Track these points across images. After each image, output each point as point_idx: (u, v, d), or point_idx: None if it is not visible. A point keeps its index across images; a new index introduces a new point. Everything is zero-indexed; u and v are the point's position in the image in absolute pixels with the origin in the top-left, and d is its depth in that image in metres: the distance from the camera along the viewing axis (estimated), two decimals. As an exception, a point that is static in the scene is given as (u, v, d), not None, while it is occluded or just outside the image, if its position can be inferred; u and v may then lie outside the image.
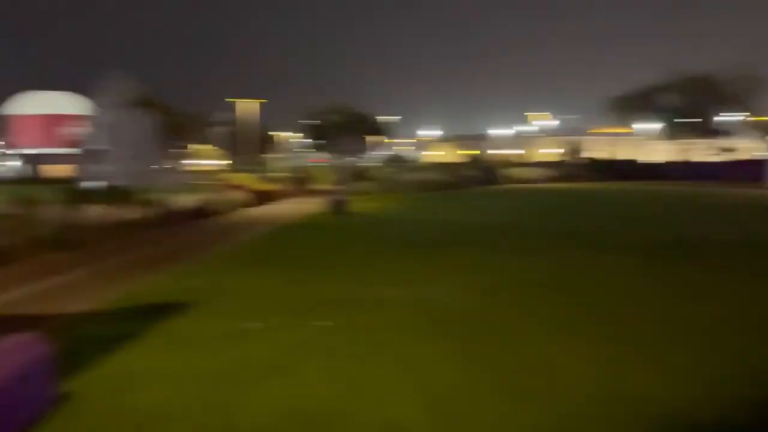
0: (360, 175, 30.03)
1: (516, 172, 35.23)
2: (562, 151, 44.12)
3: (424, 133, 66.89)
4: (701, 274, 7.37)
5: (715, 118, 47.83)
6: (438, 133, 66.24)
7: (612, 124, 54.13)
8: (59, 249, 9.32)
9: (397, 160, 43.24)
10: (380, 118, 53.40)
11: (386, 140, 57.07)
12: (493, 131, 62.31)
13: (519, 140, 60.19)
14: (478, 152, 49.85)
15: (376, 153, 52.88)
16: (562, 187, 28.63)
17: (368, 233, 12.19)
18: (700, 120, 45.04)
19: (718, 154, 44.97)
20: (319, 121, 50.59)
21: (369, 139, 50.88)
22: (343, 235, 12.01)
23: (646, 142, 56.62)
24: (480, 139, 60.32)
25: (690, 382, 3.80)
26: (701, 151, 46.34)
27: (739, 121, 49.47)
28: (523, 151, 54.41)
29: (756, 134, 56.27)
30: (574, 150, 42.62)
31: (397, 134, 61.27)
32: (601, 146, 54.01)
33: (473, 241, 10.52)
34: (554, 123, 65.12)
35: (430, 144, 65.52)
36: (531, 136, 60.99)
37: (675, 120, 45.70)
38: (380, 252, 9.42)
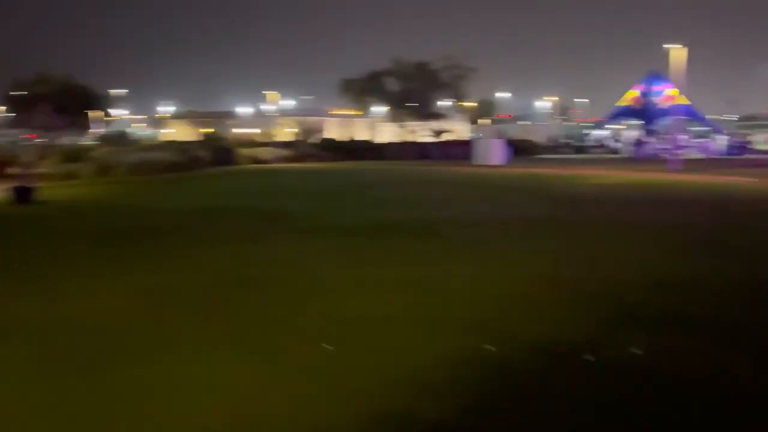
0: (73, 155, 26.12)
1: (251, 152, 34.40)
2: (297, 131, 44.68)
3: (163, 109, 62.06)
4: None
5: (438, 103, 53.73)
6: (172, 109, 62.06)
7: (348, 106, 56.70)
8: None
9: (117, 138, 38.97)
10: (112, 92, 48.04)
11: (111, 116, 51.45)
12: (239, 109, 60.69)
13: (260, 119, 59.61)
14: (214, 130, 47.87)
15: (99, 130, 47.20)
16: (294, 167, 28.75)
17: (51, 228, 10.21)
18: (419, 105, 49.70)
19: (435, 136, 50.31)
20: (26, 93, 43.16)
21: (93, 114, 45.22)
22: (18, 232, 9.87)
23: (378, 123, 60.82)
24: (224, 117, 58.18)
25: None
26: (421, 133, 51.37)
27: (451, 106, 55.99)
28: (263, 131, 53.99)
29: (464, 117, 64.55)
30: (309, 130, 43.55)
31: (131, 110, 55.69)
32: (337, 127, 56.27)
33: (176, 233, 9.42)
34: (291, 103, 66.16)
35: (166, 121, 60.97)
36: (270, 115, 60.84)
37: (399, 104, 49.80)
38: (58, 252, 7.79)
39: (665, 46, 25.18)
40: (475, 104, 71.64)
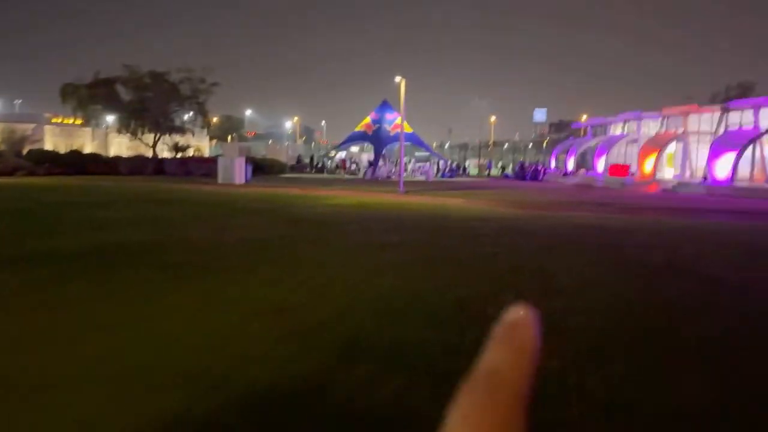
0: None
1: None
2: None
3: None
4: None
5: (178, 117, 50.78)
6: None
7: (72, 114, 50.33)
8: None
9: None
10: None
11: None
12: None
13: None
14: None
15: None
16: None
17: None
18: (156, 117, 46.54)
19: (175, 151, 47.61)
20: None
21: None
22: None
23: (110, 135, 55.29)
24: None
25: None
26: (160, 148, 48.13)
27: (192, 120, 53.67)
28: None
29: (207, 133, 62.45)
30: (20, 140, 37.47)
31: None
32: (59, 137, 49.61)
33: None
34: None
35: None
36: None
37: (134, 115, 45.91)
38: None
39: (396, 78, 27.66)
40: (218, 120, 70.13)
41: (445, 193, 24.54)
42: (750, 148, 28.95)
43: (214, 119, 64.56)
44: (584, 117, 57.84)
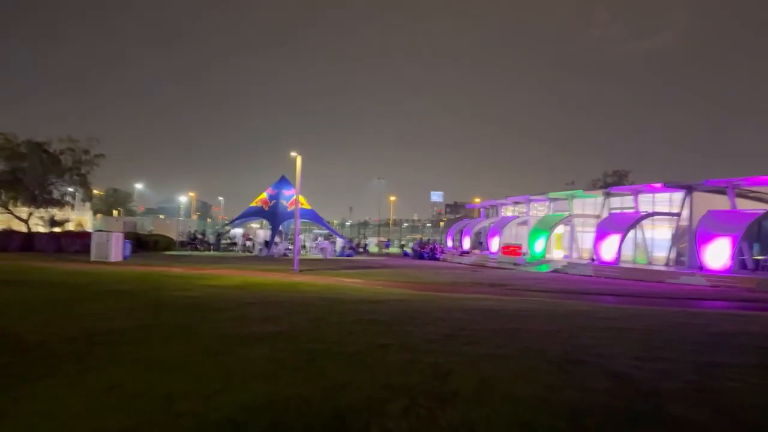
0: None
1: None
2: None
3: None
4: None
5: (65, 189, 46.75)
6: None
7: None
8: None
9: None
10: None
11: None
12: None
13: None
14: None
15: None
16: None
17: None
18: (32, 189, 42.68)
19: (51, 225, 43.53)
20: None
21: None
22: None
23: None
24: None
25: None
26: (33, 222, 43.85)
27: (73, 193, 49.81)
28: None
29: (89, 207, 58.25)
30: None
31: None
32: None
33: None
34: None
35: None
36: None
37: (6, 185, 41.77)
38: None
39: (292, 153, 26.85)
40: (102, 193, 65.69)
41: (341, 273, 23.52)
42: (632, 231, 30.61)
43: (97, 192, 60.23)
44: (477, 199, 60.01)
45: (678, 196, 30.33)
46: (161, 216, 78.09)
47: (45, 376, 5.88)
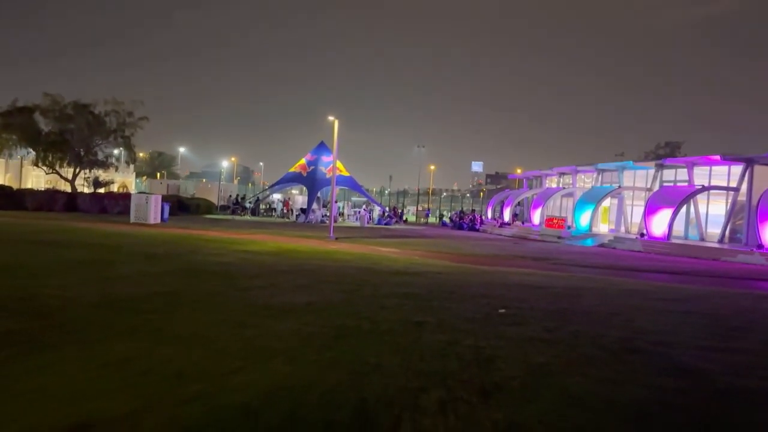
0: None
1: None
2: None
3: None
4: None
5: (109, 151, 47.48)
6: None
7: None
8: None
9: None
10: None
11: None
12: None
13: None
14: None
15: None
16: None
17: None
18: (78, 149, 43.40)
19: (95, 186, 44.34)
20: None
21: None
22: None
23: (26, 167, 51.38)
24: None
25: None
26: (79, 182, 44.74)
27: (118, 155, 50.52)
28: None
29: (133, 169, 59.13)
30: None
31: None
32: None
33: None
34: None
35: None
36: None
37: (52, 146, 42.58)
38: None
39: (330, 118, 26.12)
40: (146, 156, 66.51)
41: (378, 241, 22.98)
42: (685, 206, 29.04)
43: (141, 155, 60.90)
44: (519, 170, 58.38)
45: (737, 169, 28.47)
46: (204, 180, 79.05)
47: (57, 345, 5.49)
